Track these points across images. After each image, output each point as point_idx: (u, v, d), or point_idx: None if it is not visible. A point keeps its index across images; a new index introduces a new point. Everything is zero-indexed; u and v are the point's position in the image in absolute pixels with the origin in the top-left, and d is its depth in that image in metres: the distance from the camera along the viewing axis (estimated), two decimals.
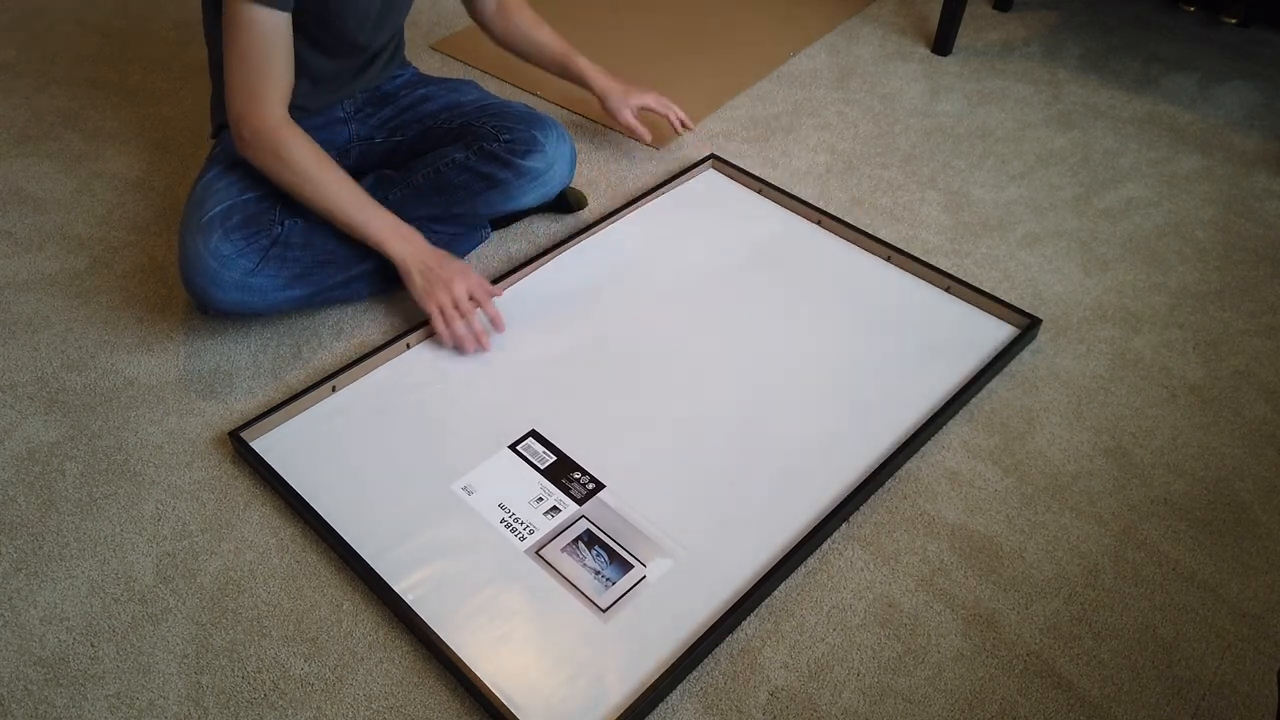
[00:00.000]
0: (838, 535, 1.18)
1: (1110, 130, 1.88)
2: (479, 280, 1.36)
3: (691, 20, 2.18)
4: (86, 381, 1.35)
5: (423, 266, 1.32)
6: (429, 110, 1.50)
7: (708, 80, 1.98)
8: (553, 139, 1.44)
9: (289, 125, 1.27)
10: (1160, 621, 1.10)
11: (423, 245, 1.34)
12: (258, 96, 1.24)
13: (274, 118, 1.26)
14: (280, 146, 1.26)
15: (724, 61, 2.04)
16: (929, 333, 1.42)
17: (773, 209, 1.65)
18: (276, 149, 1.26)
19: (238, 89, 1.24)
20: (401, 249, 1.32)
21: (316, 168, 1.28)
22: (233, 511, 1.19)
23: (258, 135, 1.26)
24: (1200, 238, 1.63)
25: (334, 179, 1.29)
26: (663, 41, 2.11)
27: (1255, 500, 1.23)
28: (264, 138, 1.26)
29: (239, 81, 1.24)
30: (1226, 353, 1.43)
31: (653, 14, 2.20)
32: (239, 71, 1.23)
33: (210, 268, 1.26)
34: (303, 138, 1.28)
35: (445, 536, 1.15)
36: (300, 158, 1.26)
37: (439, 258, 1.33)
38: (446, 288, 1.32)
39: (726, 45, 2.09)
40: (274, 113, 1.26)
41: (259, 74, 1.23)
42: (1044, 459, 1.27)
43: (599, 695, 1.01)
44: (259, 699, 1.01)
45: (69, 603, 1.10)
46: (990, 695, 1.03)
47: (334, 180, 1.29)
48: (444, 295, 1.32)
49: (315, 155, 1.28)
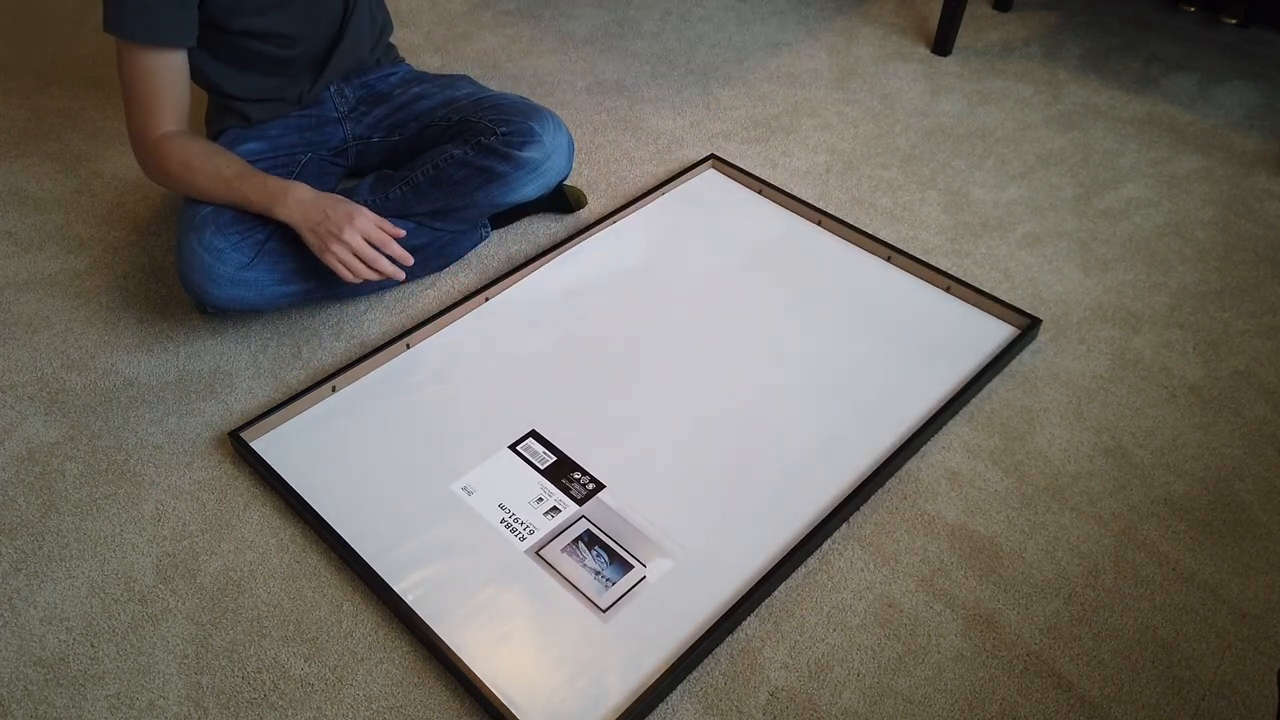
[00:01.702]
0: (838, 535, 1.18)
1: (1110, 130, 1.88)
2: (369, 221, 1.27)
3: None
4: (86, 382, 1.35)
5: (311, 224, 1.26)
6: (425, 108, 1.50)
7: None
8: (550, 129, 1.44)
9: (171, 137, 1.29)
10: (1160, 622, 1.10)
11: (307, 197, 1.27)
12: (144, 121, 1.28)
13: (156, 134, 1.29)
14: (160, 158, 1.29)
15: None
16: (929, 333, 1.42)
17: (773, 209, 1.65)
18: (157, 162, 1.29)
19: (129, 118, 1.29)
20: (288, 211, 1.27)
21: (188, 159, 1.28)
22: (233, 512, 1.19)
23: (144, 153, 1.31)
24: (1200, 238, 1.63)
25: (205, 165, 1.28)
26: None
27: (1255, 500, 1.23)
28: (147, 154, 1.30)
29: (130, 112, 1.29)
30: (1226, 353, 1.43)
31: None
32: (129, 104, 1.28)
33: (205, 262, 1.26)
34: (180, 142, 1.29)
35: (445, 537, 1.15)
36: (181, 161, 1.28)
37: (324, 206, 1.26)
38: (340, 240, 1.26)
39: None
40: (158, 130, 1.28)
41: (146, 105, 1.27)
42: (1044, 459, 1.27)
43: (599, 695, 1.01)
44: (259, 699, 1.01)
45: (69, 603, 1.10)
46: (990, 695, 1.03)
47: (215, 166, 1.28)
48: (341, 249, 1.26)
49: (187, 151, 1.28)
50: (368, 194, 1.46)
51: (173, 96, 1.28)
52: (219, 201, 1.29)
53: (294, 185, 1.27)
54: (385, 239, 1.28)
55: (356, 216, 1.26)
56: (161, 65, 1.25)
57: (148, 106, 1.27)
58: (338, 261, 1.26)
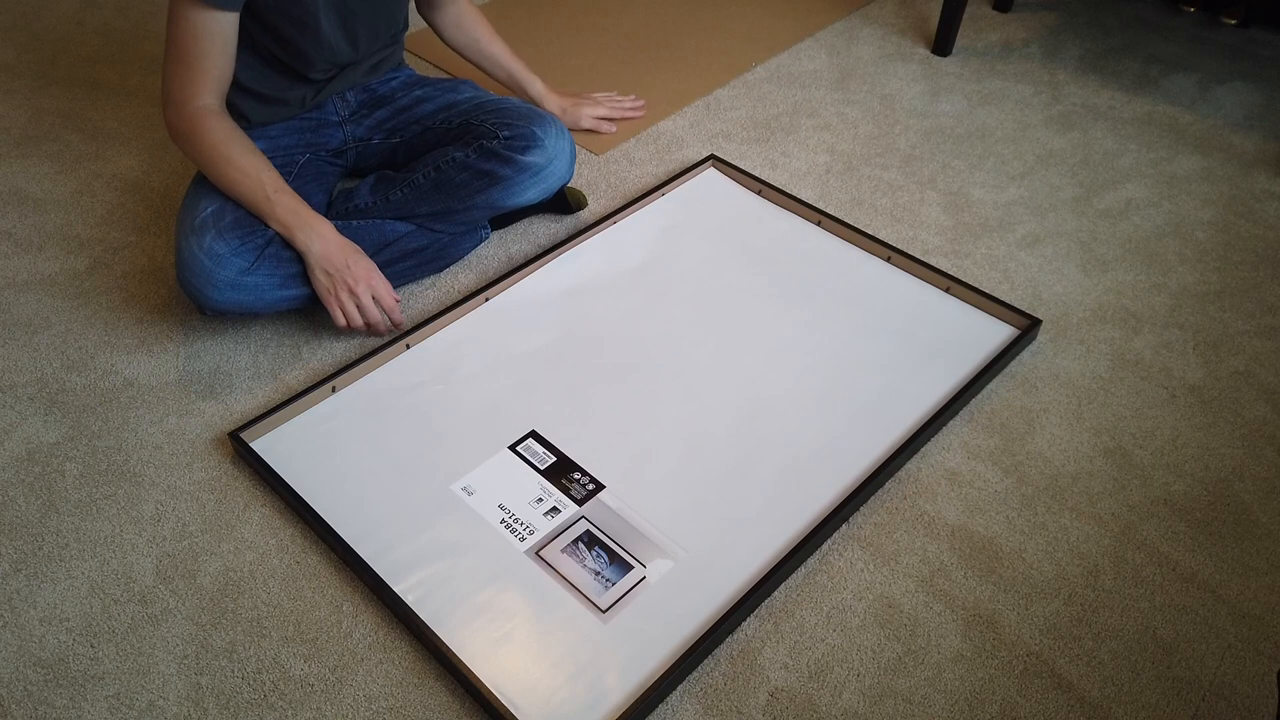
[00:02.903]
0: (838, 536, 1.18)
1: (1110, 131, 1.88)
2: (384, 287, 1.34)
3: (666, 20, 2.19)
4: (86, 382, 1.35)
5: (328, 264, 1.30)
6: (427, 110, 1.50)
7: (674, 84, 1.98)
8: (552, 135, 1.44)
9: (214, 113, 1.29)
10: (1160, 622, 1.10)
11: (331, 239, 1.31)
12: (185, 85, 1.27)
13: (196, 105, 1.28)
14: (197, 129, 1.28)
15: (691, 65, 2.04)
16: (929, 333, 1.42)
17: (773, 210, 1.65)
18: (192, 131, 1.29)
19: (169, 77, 1.28)
20: (307, 241, 1.29)
21: (229, 149, 1.28)
22: (232, 512, 1.19)
23: (179, 118, 1.29)
24: (1200, 238, 1.63)
25: (247, 164, 1.29)
26: (634, 43, 2.11)
27: (1255, 501, 1.23)
28: (184, 121, 1.29)
29: (171, 70, 1.27)
30: (1226, 353, 1.43)
31: (627, 15, 2.20)
32: (171, 61, 1.27)
33: (205, 267, 1.26)
34: (223, 125, 1.29)
35: (445, 537, 1.15)
36: (215, 140, 1.28)
37: (347, 255, 1.31)
38: (351, 292, 1.31)
39: (693, 51, 2.09)
40: (199, 101, 1.28)
41: (190, 67, 1.26)
42: (1044, 460, 1.27)
43: (599, 696, 1.01)
44: (258, 700, 1.01)
45: (69, 603, 1.10)
46: (990, 696, 1.03)
47: (256, 170, 1.29)
48: (346, 297, 1.31)
49: (230, 139, 1.29)
50: (368, 195, 1.46)
51: (219, 64, 1.27)
52: (239, 199, 1.30)
53: (321, 221, 1.31)
54: (392, 306, 1.35)
55: (374, 277, 1.33)
56: (214, 28, 1.24)
57: (192, 70, 1.26)
58: (339, 308, 1.32)
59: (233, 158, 1.28)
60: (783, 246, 1.57)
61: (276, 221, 1.29)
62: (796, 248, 1.57)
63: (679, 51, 2.08)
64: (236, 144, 1.29)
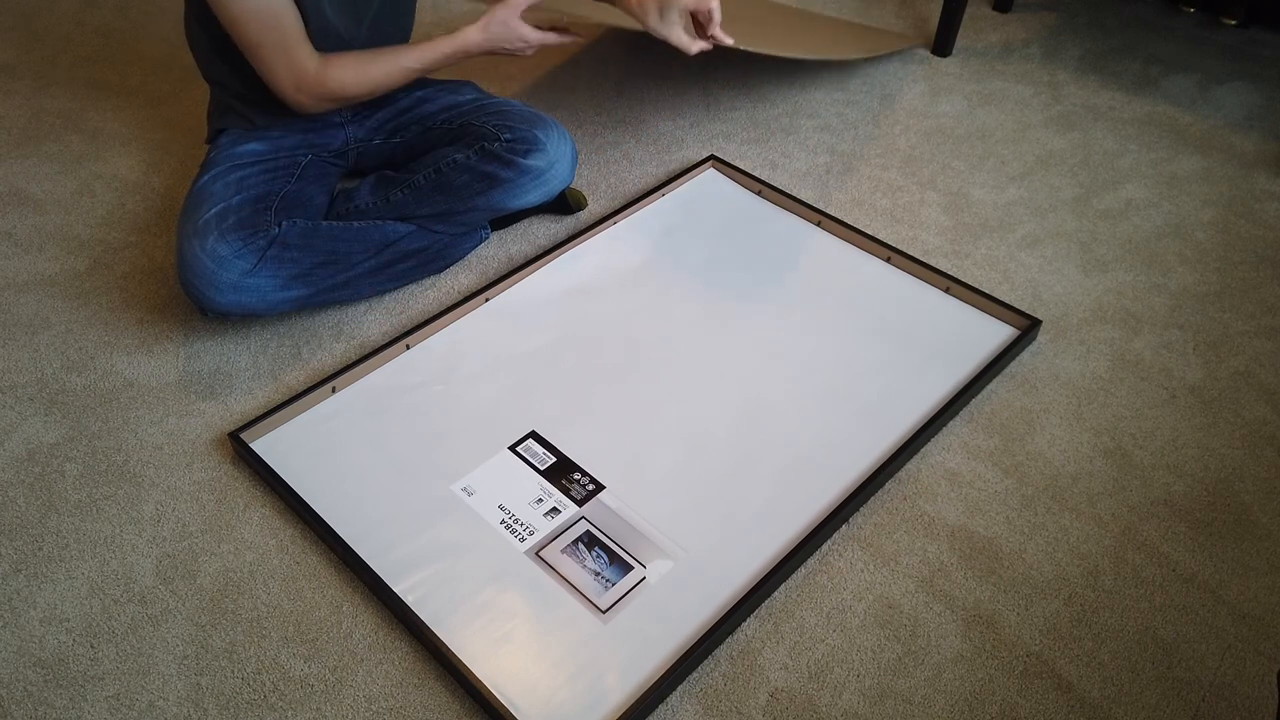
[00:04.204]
0: (838, 536, 1.18)
1: (1110, 131, 1.88)
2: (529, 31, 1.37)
3: None
4: (86, 382, 1.35)
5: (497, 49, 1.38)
6: (428, 111, 1.50)
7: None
8: (554, 138, 1.44)
9: (328, 64, 1.33)
10: (1160, 623, 1.10)
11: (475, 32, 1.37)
12: (288, 65, 1.30)
13: (308, 70, 1.31)
14: (334, 83, 1.33)
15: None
16: (929, 334, 1.42)
17: (773, 210, 1.65)
18: (330, 93, 1.34)
19: (267, 68, 1.30)
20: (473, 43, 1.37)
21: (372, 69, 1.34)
22: (232, 512, 1.19)
23: (309, 96, 1.33)
24: (1200, 239, 1.63)
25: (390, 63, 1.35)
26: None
27: (1255, 501, 1.23)
28: (315, 87, 1.32)
29: (269, 61, 1.29)
30: (1226, 354, 1.43)
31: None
32: (257, 54, 1.28)
33: (207, 269, 1.26)
34: (342, 61, 1.34)
35: (445, 537, 1.15)
36: (354, 75, 1.34)
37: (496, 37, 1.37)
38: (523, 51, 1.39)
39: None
40: (306, 65, 1.31)
41: (275, 45, 1.27)
42: (1044, 460, 1.27)
43: (599, 696, 1.01)
44: (258, 700, 1.01)
45: (69, 604, 1.10)
46: (990, 696, 1.03)
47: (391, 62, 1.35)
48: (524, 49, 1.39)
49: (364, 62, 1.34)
50: (368, 195, 1.46)
51: (292, 22, 1.28)
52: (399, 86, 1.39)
53: (461, 31, 1.37)
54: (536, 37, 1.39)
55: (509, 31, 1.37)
56: (281, 2, 1.25)
57: (288, 46, 1.28)
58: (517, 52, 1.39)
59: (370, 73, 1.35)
60: (783, 247, 1.57)
61: (444, 60, 1.37)
62: (796, 248, 1.57)
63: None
64: (364, 62, 1.34)
